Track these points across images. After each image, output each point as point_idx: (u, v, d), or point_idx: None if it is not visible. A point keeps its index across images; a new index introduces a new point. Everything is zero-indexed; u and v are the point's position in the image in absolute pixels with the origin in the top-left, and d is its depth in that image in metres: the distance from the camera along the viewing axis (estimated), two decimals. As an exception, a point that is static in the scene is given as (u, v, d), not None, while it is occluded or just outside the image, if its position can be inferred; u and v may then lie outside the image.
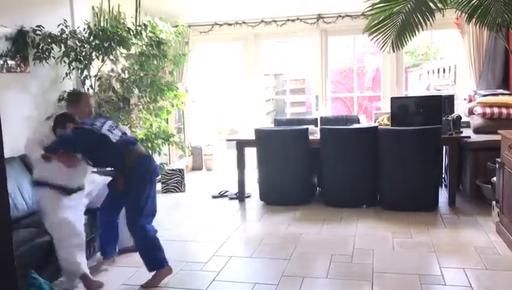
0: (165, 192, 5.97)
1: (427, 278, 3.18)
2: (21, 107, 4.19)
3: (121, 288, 3.23)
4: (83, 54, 4.53)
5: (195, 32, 6.94)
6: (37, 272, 2.91)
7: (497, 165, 3.98)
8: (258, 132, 5.19)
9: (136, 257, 3.73)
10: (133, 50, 4.95)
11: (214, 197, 5.69)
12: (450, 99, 5.46)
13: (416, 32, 4.40)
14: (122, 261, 3.67)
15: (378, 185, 4.89)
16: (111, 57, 4.65)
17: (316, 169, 5.27)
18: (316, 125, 5.69)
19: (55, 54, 4.40)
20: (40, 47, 4.24)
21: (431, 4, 4.15)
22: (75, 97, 3.86)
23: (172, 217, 4.87)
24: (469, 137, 4.93)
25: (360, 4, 4.40)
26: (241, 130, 7.12)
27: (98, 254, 3.69)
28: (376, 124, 5.32)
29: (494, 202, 4.13)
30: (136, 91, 4.97)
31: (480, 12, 4.14)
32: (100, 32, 4.52)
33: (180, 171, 6.04)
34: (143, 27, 4.92)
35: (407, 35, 4.46)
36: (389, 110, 5.18)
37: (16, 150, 3.97)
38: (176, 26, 5.90)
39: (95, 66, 4.75)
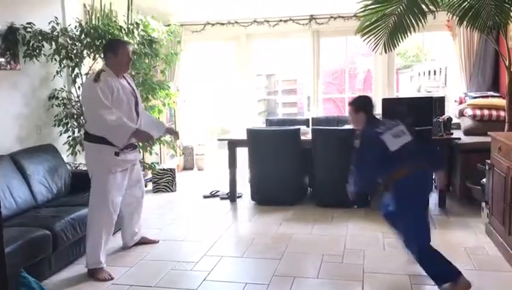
0: (156, 191, 5.94)
1: (417, 278, 3.19)
2: (11, 105, 4.15)
3: (111, 287, 3.21)
4: (74, 51, 4.50)
5: (188, 31, 6.92)
6: (26, 271, 2.88)
7: (486, 167, 4.00)
8: (250, 132, 5.18)
9: (127, 257, 3.74)
10: (124, 48, 4.92)
11: (205, 197, 5.67)
12: (441, 101, 5.47)
13: (408, 33, 4.43)
14: (113, 261, 3.65)
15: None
16: (102, 55, 4.62)
17: (307, 169, 5.28)
18: (308, 126, 5.70)
19: (46, 51, 4.37)
20: (31, 44, 4.21)
21: (423, 6, 4.19)
22: (113, 46, 3.54)
23: (163, 217, 4.85)
24: (459, 139, 4.96)
25: (352, 5, 4.42)
26: (233, 130, 7.11)
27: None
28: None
29: (483, 204, 4.16)
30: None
31: (471, 15, 4.18)
32: (91, 30, 4.50)
33: (171, 170, 6.01)
34: (135, 25, 4.91)
35: (399, 37, 4.48)
36: (380, 111, 5.19)
37: (5, 148, 3.93)
38: (168, 25, 5.89)
39: (86, 64, 4.72)
